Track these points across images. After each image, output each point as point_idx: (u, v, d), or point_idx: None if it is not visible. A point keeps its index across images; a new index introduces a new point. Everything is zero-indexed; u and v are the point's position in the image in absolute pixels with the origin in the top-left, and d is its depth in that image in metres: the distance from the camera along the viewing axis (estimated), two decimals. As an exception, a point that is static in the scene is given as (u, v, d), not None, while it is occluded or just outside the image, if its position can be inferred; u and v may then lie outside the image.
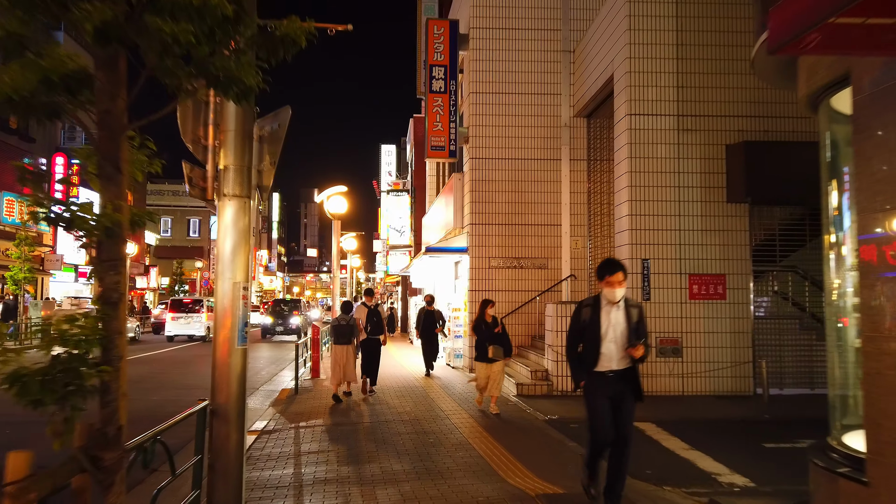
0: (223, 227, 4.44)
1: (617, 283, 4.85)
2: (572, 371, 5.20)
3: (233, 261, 4.40)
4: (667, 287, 10.64)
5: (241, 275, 4.42)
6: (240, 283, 4.39)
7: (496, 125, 14.11)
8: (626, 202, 10.73)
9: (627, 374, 4.88)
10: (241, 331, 4.37)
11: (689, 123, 10.85)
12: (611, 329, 4.84)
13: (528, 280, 13.98)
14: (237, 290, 4.37)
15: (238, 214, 4.43)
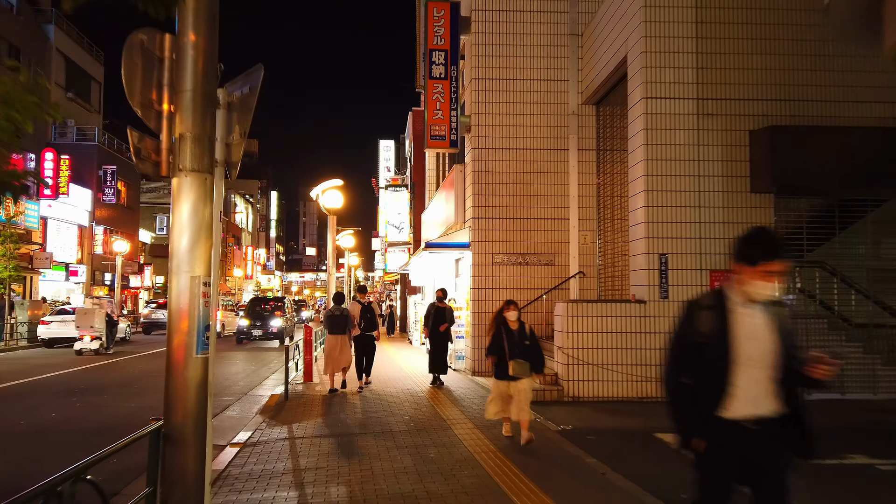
0: (179, 209, 3.64)
1: (776, 273, 2.95)
2: (676, 417, 3.19)
3: (191, 250, 3.60)
4: (686, 284, 9.85)
5: (202, 267, 3.62)
6: (199, 277, 3.59)
7: (500, 113, 13.31)
8: (642, 193, 9.94)
9: (784, 423, 2.98)
10: (201, 336, 3.58)
11: (710, 107, 10.06)
12: (753, 345, 2.97)
13: (534, 277, 13.19)
14: (196, 286, 3.57)
15: (198, 193, 3.64)
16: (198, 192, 3.63)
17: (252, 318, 23.70)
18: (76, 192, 32.63)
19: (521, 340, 7.22)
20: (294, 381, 12.01)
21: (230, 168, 4.18)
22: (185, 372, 3.52)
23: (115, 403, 10.61)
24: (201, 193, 3.65)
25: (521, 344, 7.20)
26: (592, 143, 13.34)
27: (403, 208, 26.81)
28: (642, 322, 9.83)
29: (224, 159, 4.12)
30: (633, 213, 10.30)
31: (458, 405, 9.60)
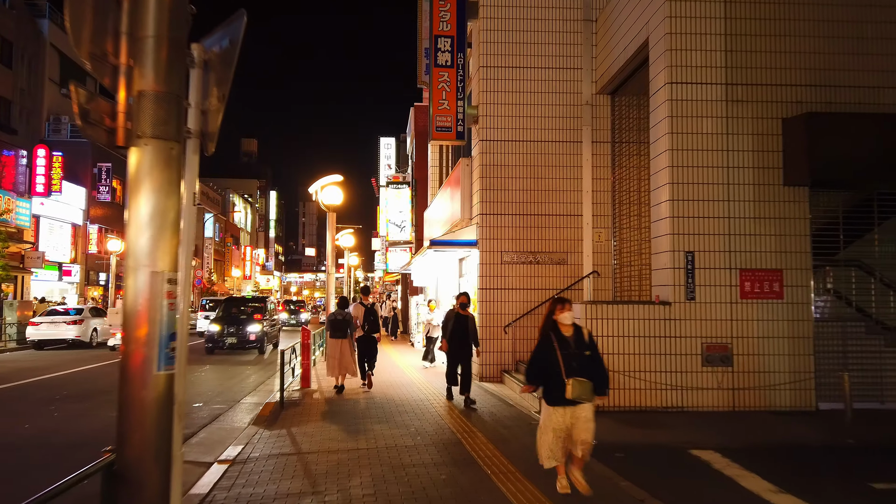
0: (138, 187, 2.90)
1: None
2: None
3: (154, 239, 2.86)
4: (714, 284, 9.11)
5: (167, 261, 2.87)
6: (163, 273, 2.85)
7: (509, 103, 12.57)
8: (667, 186, 9.20)
9: None
10: (165, 347, 2.83)
11: (740, 93, 9.32)
12: None
13: (545, 277, 12.44)
14: (158, 284, 2.83)
15: (162, 167, 2.89)
16: (162, 164, 2.89)
17: (225, 324, 19.32)
18: (70, 189, 31.85)
19: (578, 350, 5.30)
20: (291, 388, 11.27)
21: (207, 140, 3.44)
22: (143, 392, 2.77)
23: (93, 413, 9.86)
24: (166, 167, 2.90)
25: (579, 355, 5.27)
26: (607, 134, 12.59)
27: (405, 206, 26.08)
28: (666, 325, 9.08)
29: (200, 129, 3.39)
30: (656, 208, 9.56)
31: (474, 421, 8.84)
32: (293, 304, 40.22)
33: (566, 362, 5.23)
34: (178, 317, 3.07)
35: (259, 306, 21.00)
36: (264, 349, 19.72)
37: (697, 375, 9.02)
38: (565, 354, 5.27)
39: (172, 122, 2.94)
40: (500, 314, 12.32)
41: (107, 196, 35.01)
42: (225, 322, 19.54)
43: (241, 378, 14.14)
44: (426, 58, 28.70)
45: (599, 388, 5.35)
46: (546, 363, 5.33)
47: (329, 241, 16.89)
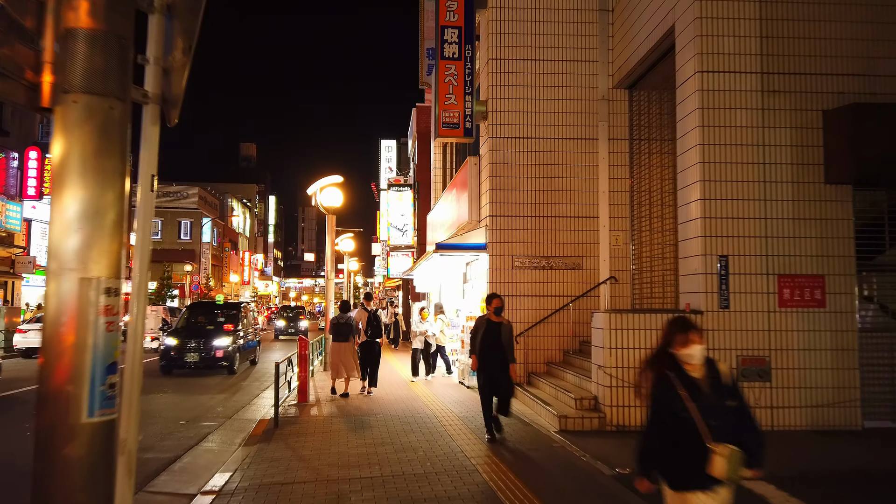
0: (66, 162, 2.12)
1: None
2: None
3: (85, 234, 2.07)
4: (750, 291, 8.32)
5: (105, 265, 2.09)
6: (98, 281, 2.06)
7: (520, 98, 11.80)
8: (697, 183, 8.42)
9: None
10: (100, 382, 2.04)
11: (777, 83, 8.55)
12: None
13: (559, 283, 11.65)
14: (90, 294, 2.04)
15: (98, 131, 2.11)
16: (98, 130, 2.10)
17: (185, 336, 15.68)
18: (63, 193, 31.06)
19: (718, 400, 3.30)
20: (287, 403, 10.46)
21: (170, 106, 2.65)
22: (67, 450, 1.97)
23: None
24: (104, 133, 2.11)
25: (720, 408, 3.29)
26: (624, 131, 11.82)
27: (407, 210, 25.28)
28: (698, 336, 8.27)
29: (160, 92, 2.60)
30: (685, 209, 8.78)
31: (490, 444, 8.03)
32: (290, 311, 34.30)
33: (705, 418, 3.23)
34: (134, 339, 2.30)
35: (232, 314, 17.33)
36: (235, 367, 15.83)
37: (732, 391, 8.21)
38: (703, 407, 3.24)
39: (114, 73, 2.16)
40: (512, 322, 11.50)
41: (101, 200, 34.22)
42: (186, 334, 15.89)
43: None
44: (428, 58, 28.00)
45: (754, 457, 3.23)
46: (668, 422, 3.31)
47: (328, 245, 16.13)
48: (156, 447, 7.96)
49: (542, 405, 9.14)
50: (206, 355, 15.37)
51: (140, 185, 2.59)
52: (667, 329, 3.50)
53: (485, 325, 8.05)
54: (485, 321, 8.11)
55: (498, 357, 7.85)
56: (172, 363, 15.50)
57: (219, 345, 15.58)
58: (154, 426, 9.32)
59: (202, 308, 19.05)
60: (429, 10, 26.95)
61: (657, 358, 3.47)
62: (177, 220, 53.75)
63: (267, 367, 17.10)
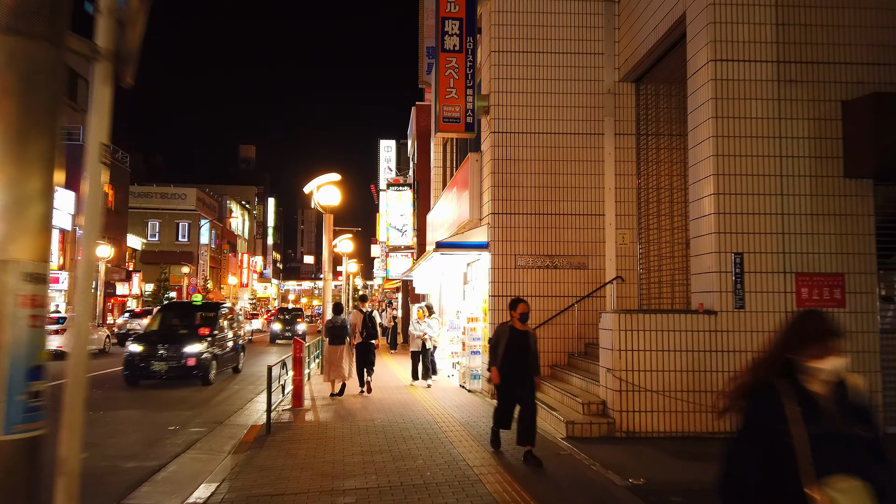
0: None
1: None
2: None
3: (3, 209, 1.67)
4: (766, 290, 7.92)
5: (28, 247, 1.70)
6: (18, 265, 1.66)
7: (523, 91, 11.41)
8: (710, 178, 8.02)
9: None
10: (20, 390, 1.64)
11: (793, 72, 8.16)
12: None
13: (564, 283, 11.24)
14: (8, 281, 1.64)
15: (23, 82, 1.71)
16: (22, 77, 1.71)
17: (153, 342, 13.69)
18: (58, 193, 30.68)
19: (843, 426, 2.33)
20: (281, 408, 10.05)
21: (124, 62, 2.25)
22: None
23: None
24: (30, 82, 1.72)
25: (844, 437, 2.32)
26: (631, 126, 11.43)
27: (406, 210, 24.87)
28: (712, 338, 7.89)
29: (113, 46, 2.20)
30: (697, 204, 8.38)
31: (492, 452, 7.62)
32: (287, 314, 32.37)
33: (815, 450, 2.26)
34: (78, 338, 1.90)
35: (210, 316, 15.32)
36: (210, 377, 13.83)
37: (748, 396, 7.81)
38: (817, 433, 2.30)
39: (44, 12, 1.76)
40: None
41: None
42: (154, 339, 13.82)
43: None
44: (428, 57, 27.66)
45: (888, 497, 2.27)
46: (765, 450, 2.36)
47: (326, 245, 15.72)
48: (140, 455, 7.56)
49: (547, 410, 8.72)
50: (176, 364, 13.43)
51: (88, 157, 2.19)
52: (794, 327, 2.54)
53: (508, 335, 6.96)
54: (507, 329, 7.01)
55: (523, 371, 6.83)
56: (137, 373, 13.53)
57: (191, 351, 13.61)
58: (139, 433, 8.92)
59: (176, 310, 17.08)
60: (428, 8, 26.61)
61: (769, 362, 2.51)
62: (174, 222, 53.40)
63: (253, 374, 16.06)
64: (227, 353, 15.54)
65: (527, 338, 6.93)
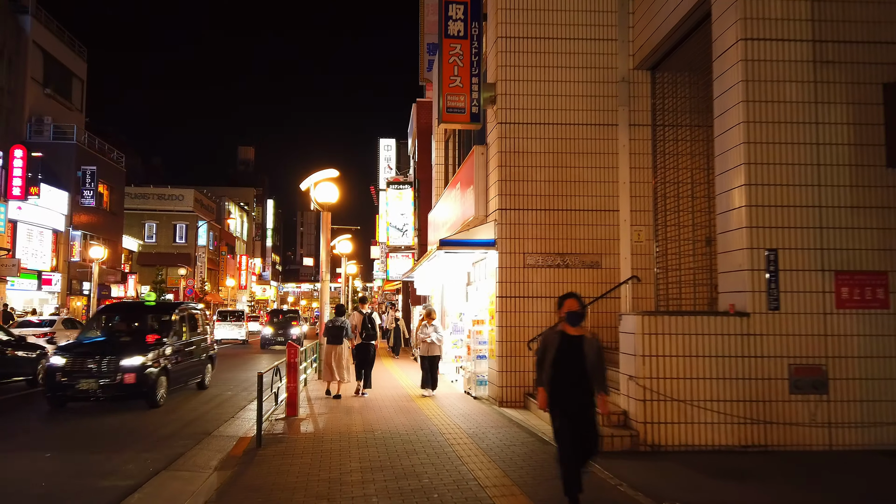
0: None
1: None
2: None
3: None
4: (803, 290, 7.25)
5: None
6: None
7: (531, 80, 10.74)
8: (741, 167, 7.35)
9: None
10: None
11: (831, 53, 7.50)
12: None
13: (576, 283, 10.54)
14: None
15: None
16: None
17: (80, 354, 10.81)
18: (51, 193, 30.04)
19: None
20: (274, 417, 9.37)
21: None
22: None
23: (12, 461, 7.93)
24: None
25: None
26: (647, 116, 10.76)
27: (407, 208, 24.20)
28: (744, 342, 7.21)
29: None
30: (725, 197, 7.70)
31: (507, 468, 6.93)
32: (281, 316, 28.95)
33: None
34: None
35: (163, 320, 12.25)
36: (158, 397, 10.83)
37: (784, 406, 7.14)
38: None
39: None
40: (523, 327, 10.44)
41: (91, 201, 33.19)
42: (85, 350, 10.95)
43: None
44: (429, 54, 27.00)
45: None
46: None
47: (323, 244, 15.06)
48: (116, 472, 6.87)
49: (561, 420, 8.04)
50: (110, 381, 10.37)
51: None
52: None
53: (558, 342, 5.19)
54: (557, 336, 5.23)
55: (581, 389, 5.13)
56: (60, 393, 10.53)
57: (130, 365, 10.46)
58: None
59: (121, 312, 13.78)
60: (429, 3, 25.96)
61: None
62: (172, 224, 52.76)
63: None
64: (187, 365, 12.42)
65: (582, 345, 5.15)
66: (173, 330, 12.04)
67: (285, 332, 26.12)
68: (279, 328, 26.80)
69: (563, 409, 5.17)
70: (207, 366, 13.70)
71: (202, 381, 13.42)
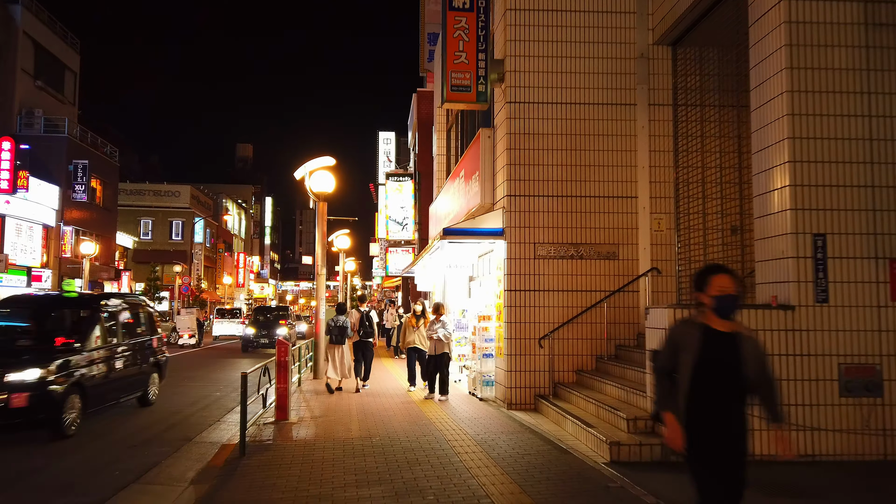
0: None
1: None
2: None
3: None
4: (854, 280, 6.46)
5: None
6: None
7: (543, 56, 9.93)
8: (785, 142, 6.54)
9: None
10: None
11: (884, 14, 6.69)
12: None
13: (591, 276, 9.77)
14: None
15: None
16: None
17: None
18: (41, 187, 29.19)
19: None
20: (263, 421, 8.56)
21: None
22: None
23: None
24: None
25: None
26: (668, 95, 9.95)
27: (407, 202, 23.36)
28: (788, 338, 6.41)
29: None
30: (763, 177, 6.89)
31: (519, 478, 6.13)
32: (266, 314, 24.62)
33: None
34: None
35: (84, 317, 9.44)
36: (64, 424, 7.99)
37: (834, 410, 6.34)
38: None
39: None
40: (534, 323, 9.65)
41: (83, 196, 32.32)
42: None
43: None
44: (429, 44, 26.09)
45: None
46: None
47: (319, 236, 14.23)
48: (79, 486, 6.06)
49: (580, 425, 7.25)
50: None
51: None
52: None
53: (699, 341, 3.36)
54: (698, 332, 3.38)
55: (738, 416, 3.35)
56: None
57: (19, 381, 7.62)
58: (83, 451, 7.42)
59: (25, 307, 10.09)
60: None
61: None
62: (168, 220, 51.92)
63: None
64: (120, 376, 9.60)
65: (739, 347, 3.34)
66: (97, 330, 9.10)
67: (270, 334, 22.06)
68: (263, 328, 22.63)
69: (710, 451, 3.32)
70: (153, 375, 10.73)
71: (144, 395, 10.39)
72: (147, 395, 10.56)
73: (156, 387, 10.97)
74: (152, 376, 10.78)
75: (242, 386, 7.03)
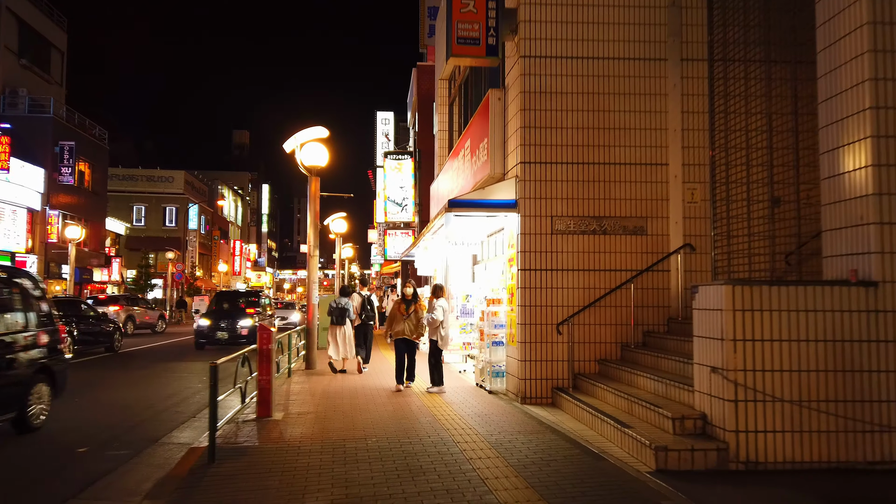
0: None
1: None
2: None
3: None
4: (950, 251, 5.33)
5: None
6: None
7: (560, 3, 8.77)
8: (867, 83, 5.40)
9: None
10: None
11: None
12: None
13: (616, 253, 8.66)
14: None
15: None
16: None
17: None
18: (25, 169, 28.01)
19: None
20: (242, 418, 7.45)
21: None
22: None
23: None
24: None
25: None
26: (703, 49, 8.79)
27: (407, 181, 22.18)
28: (871, 321, 5.31)
29: None
30: (832, 129, 5.75)
31: (543, 489, 5.03)
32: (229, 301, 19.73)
33: None
34: None
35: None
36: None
37: (925, 408, 5.24)
38: None
39: None
40: (551, 306, 8.54)
41: (69, 179, 31.16)
42: None
43: None
44: (430, 18, 24.77)
45: None
46: None
47: (311, 216, 13.09)
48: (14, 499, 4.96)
49: (612, 424, 6.15)
50: None
51: None
52: None
53: None
54: None
55: None
56: None
57: None
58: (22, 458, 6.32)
59: None
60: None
61: None
62: (162, 206, 50.73)
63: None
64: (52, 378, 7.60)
65: None
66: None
67: (231, 326, 17.62)
68: (221, 319, 17.81)
69: None
70: (39, 386, 7.43)
71: (22, 412, 7.08)
72: (24, 415, 7.13)
73: (43, 403, 7.49)
74: (38, 386, 7.40)
75: (212, 380, 5.88)
